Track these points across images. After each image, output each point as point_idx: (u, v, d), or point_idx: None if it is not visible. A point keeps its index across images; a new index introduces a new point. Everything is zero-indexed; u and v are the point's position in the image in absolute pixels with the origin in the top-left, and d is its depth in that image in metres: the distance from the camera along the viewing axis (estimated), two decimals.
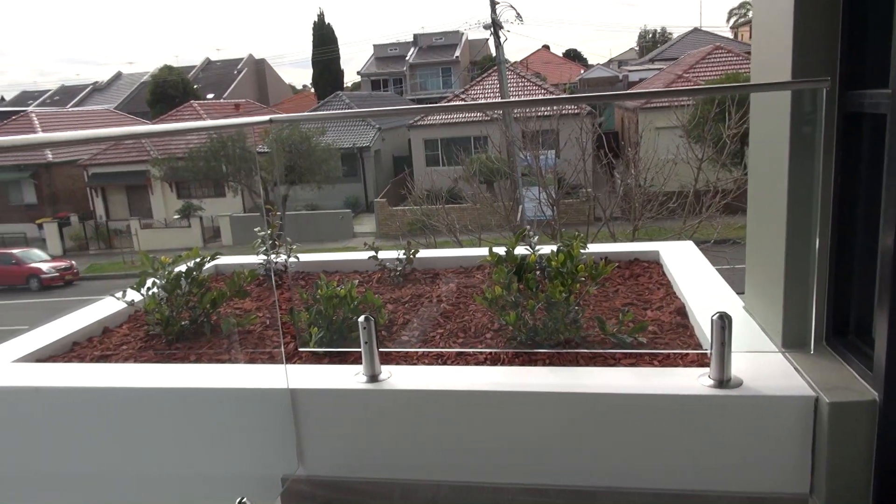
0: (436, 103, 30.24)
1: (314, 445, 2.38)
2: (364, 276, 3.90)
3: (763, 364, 2.25)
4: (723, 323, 2.10)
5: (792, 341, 2.32)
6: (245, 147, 23.33)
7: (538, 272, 2.81)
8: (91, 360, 2.91)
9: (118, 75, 55.90)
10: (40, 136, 1.34)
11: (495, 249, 2.81)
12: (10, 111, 42.91)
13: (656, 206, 8.98)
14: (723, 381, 2.12)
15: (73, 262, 23.78)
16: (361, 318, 2.36)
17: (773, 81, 2.27)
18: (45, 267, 22.43)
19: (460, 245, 9.89)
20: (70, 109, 46.20)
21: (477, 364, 2.59)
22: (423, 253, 4.04)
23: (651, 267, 3.67)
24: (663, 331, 2.76)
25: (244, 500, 1.97)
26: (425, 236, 11.32)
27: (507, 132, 11.55)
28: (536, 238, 3.18)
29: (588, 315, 2.88)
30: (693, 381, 2.18)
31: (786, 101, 2.18)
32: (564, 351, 2.56)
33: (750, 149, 2.65)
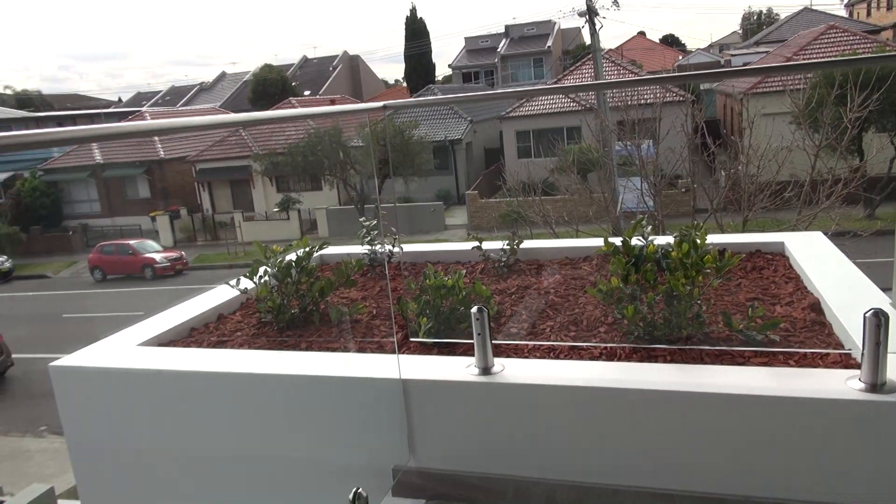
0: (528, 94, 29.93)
1: (425, 437, 2.34)
2: (466, 267, 3.85)
3: None
4: (878, 321, 1.89)
5: None
6: (341, 141, 23.94)
7: (654, 263, 2.66)
8: (208, 346, 3.00)
9: (222, 75, 58.61)
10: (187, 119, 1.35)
11: (611, 239, 2.68)
12: (127, 111, 46.04)
13: (767, 197, 8.45)
14: (877, 384, 1.91)
15: (183, 252, 25.18)
16: (474, 309, 2.29)
17: None
18: (158, 257, 23.88)
19: (556, 236, 9.69)
20: (179, 108, 48.95)
21: (591, 359, 2.48)
22: (527, 244, 3.94)
23: (776, 259, 3.42)
24: (796, 328, 2.54)
25: (359, 490, 1.95)
26: (517, 228, 11.18)
27: (605, 120, 11.21)
28: (650, 228, 3.03)
29: (709, 310, 2.70)
30: (840, 384, 1.98)
31: None
32: (688, 347, 2.40)
33: None
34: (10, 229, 29.12)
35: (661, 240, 2.79)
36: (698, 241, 2.48)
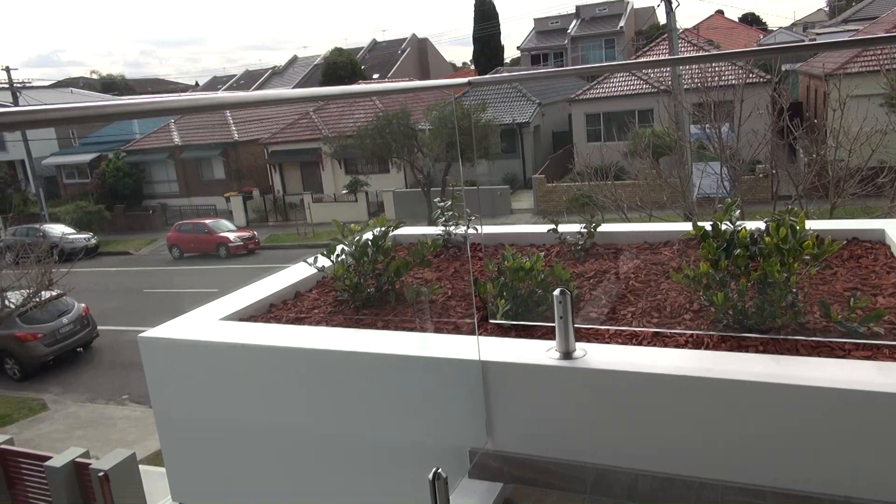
0: (598, 75, 29.23)
1: (504, 420, 2.30)
2: (541, 250, 3.78)
3: None
4: None
5: None
6: (409, 124, 24.02)
7: (744, 249, 2.53)
8: (286, 322, 3.05)
9: (294, 59, 59.67)
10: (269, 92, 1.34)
11: (700, 223, 2.57)
12: None
13: (856, 183, 7.97)
14: None
15: (255, 232, 25.91)
16: (557, 292, 2.24)
17: None
18: (231, 236, 24.64)
19: (628, 221, 9.45)
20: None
21: (676, 347, 2.39)
22: (604, 227, 3.84)
23: (876, 248, 3.21)
24: None
25: (439, 469, 1.94)
26: (586, 212, 10.94)
27: (683, 102, 10.81)
28: (738, 212, 2.88)
29: (804, 299, 2.55)
30: None
31: None
32: (783, 337, 2.28)
33: None
34: (96, 208, 30.64)
35: (749, 225, 2.66)
36: (797, 225, 2.34)
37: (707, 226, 2.54)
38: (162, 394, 2.95)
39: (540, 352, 2.29)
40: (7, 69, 31.96)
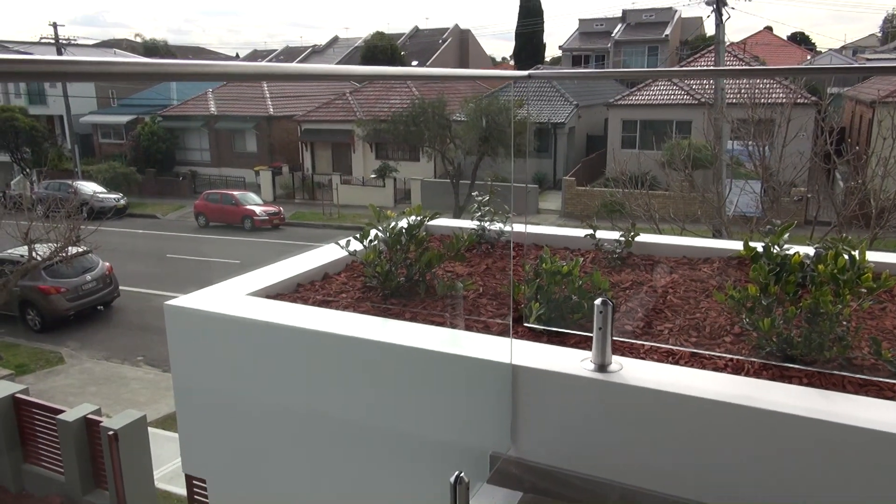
0: (639, 81, 28.85)
1: (529, 428, 2.23)
2: (576, 255, 3.69)
3: None
4: None
5: None
6: (444, 114, 23.90)
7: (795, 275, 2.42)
8: (313, 304, 2.99)
9: (335, 39, 59.72)
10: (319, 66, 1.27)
11: (752, 244, 2.46)
12: None
13: None
14: None
15: (281, 208, 26.01)
16: (598, 301, 2.15)
17: None
18: (258, 210, 24.76)
19: (660, 233, 9.29)
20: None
21: (715, 370, 2.29)
22: (643, 237, 3.74)
23: None
24: None
25: (461, 474, 1.87)
26: (614, 219, 10.78)
27: (725, 115, 10.58)
28: (787, 236, 2.77)
29: (854, 333, 2.44)
30: None
31: None
32: (830, 371, 2.18)
33: None
34: (128, 169, 30.98)
35: (794, 250, 2.55)
36: (857, 255, 2.23)
37: (759, 247, 2.43)
38: (183, 364, 2.92)
39: (574, 361, 2.21)
40: (54, 25, 32.42)
